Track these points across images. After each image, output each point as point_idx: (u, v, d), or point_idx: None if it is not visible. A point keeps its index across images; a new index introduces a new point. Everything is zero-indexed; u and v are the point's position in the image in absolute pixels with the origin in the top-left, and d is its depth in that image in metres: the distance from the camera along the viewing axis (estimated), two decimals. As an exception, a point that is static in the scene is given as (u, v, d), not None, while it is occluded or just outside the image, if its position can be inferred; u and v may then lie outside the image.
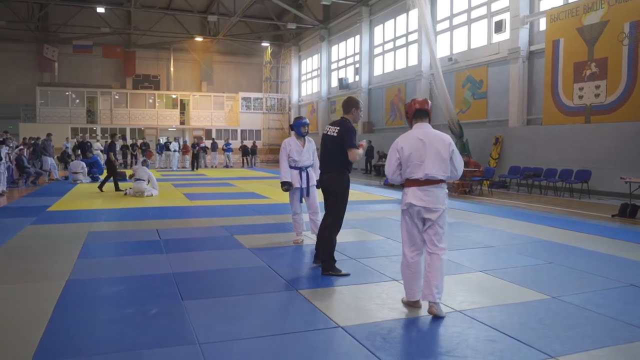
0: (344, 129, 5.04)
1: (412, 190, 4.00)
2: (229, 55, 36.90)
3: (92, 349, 3.32)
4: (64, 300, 4.31)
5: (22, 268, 5.46)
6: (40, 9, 30.74)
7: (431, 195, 3.96)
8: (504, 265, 5.60)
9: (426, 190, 3.96)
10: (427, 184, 3.96)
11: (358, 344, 3.37)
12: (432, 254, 3.99)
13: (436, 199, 3.97)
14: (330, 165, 5.17)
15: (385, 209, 10.65)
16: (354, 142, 5.01)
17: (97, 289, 4.69)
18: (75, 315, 3.97)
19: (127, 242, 6.96)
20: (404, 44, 22.72)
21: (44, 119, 31.47)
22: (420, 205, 3.96)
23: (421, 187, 3.97)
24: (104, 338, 3.53)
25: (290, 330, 3.66)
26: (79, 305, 4.24)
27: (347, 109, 5.17)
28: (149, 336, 3.53)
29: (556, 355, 3.21)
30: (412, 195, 3.99)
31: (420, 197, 3.96)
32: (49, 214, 9.64)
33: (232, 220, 8.81)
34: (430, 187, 3.97)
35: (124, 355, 3.21)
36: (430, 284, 3.91)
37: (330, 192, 5.18)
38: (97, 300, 4.40)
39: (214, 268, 5.46)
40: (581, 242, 6.97)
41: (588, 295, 4.51)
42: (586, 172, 12.96)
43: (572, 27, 13.95)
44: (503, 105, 16.68)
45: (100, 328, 3.74)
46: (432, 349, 3.35)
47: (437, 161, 3.96)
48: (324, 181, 5.22)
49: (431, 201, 3.95)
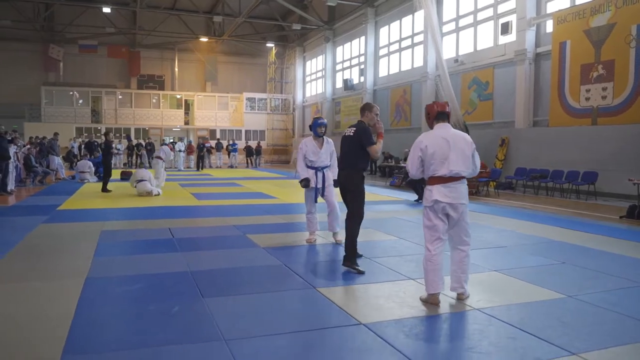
0: (361, 130, 5.48)
1: (437, 187, 4.20)
2: (234, 56, 36.98)
3: (119, 344, 3.37)
4: (85, 297, 4.37)
5: (40, 266, 5.52)
6: (45, 8, 30.82)
7: (455, 191, 4.19)
8: (517, 265, 5.64)
9: (450, 187, 4.18)
10: (451, 180, 4.18)
11: (381, 341, 3.42)
12: (458, 249, 4.34)
13: (459, 194, 4.21)
14: (347, 164, 5.56)
15: (393, 209, 10.69)
16: (371, 140, 5.43)
17: (117, 286, 4.74)
18: (98, 312, 4.03)
19: (140, 240, 7.01)
20: (410, 45, 22.77)
21: (49, 118, 31.57)
22: (445, 202, 4.17)
23: (445, 184, 4.17)
24: (129, 334, 3.59)
25: (314, 327, 3.71)
26: (101, 302, 4.29)
27: (363, 113, 5.62)
28: (173, 332, 3.58)
29: (578, 352, 3.26)
30: (437, 192, 4.19)
31: (445, 193, 4.17)
32: (60, 213, 9.70)
33: (242, 219, 8.86)
34: (454, 184, 4.19)
35: (151, 350, 3.26)
36: (460, 278, 4.30)
37: (347, 189, 5.55)
38: (119, 297, 4.45)
39: (230, 266, 5.51)
40: (592, 242, 7.01)
41: (603, 294, 4.55)
42: (593, 173, 12.99)
43: (579, 29, 13.99)
44: (509, 107, 16.72)
45: (124, 324, 3.80)
46: (455, 345, 3.40)
47: (461, 158, 4.19)
48: (341, 178, 5.64)
49: (455, 197, 4.18)
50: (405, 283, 4.88)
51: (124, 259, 5.87)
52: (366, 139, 5.40)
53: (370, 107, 5.60)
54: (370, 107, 5.61)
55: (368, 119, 5.54)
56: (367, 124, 5.53)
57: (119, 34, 33.04)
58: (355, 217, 5.45)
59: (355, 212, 5.45)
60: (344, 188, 5.57)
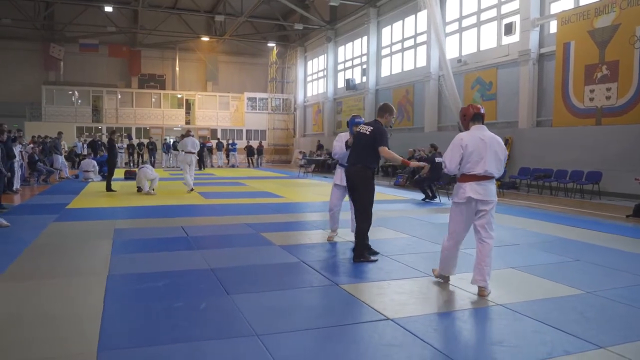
0: (377, 130, 5.58)
1: (470, 185, 4.46)
2: (235, 55, 37.00)
3: (152, 340, 3.40)
4: (111, 294, 4.41)
5: (58, 264, 5.55)
6: (46, 7, 30.79)
7: (487, 189, 4.47)
8: (532, 262, 5.71)
9: (483, 185, 4.46)
10: (484, 179, 4.46)
11: (411, 335, 3.47)
12: (483, 242, 4.50)
13: (490, 192, 4.49)
14: (358, 160, 5.66)
15: (401, 208, 10.76)
16: (386, 141, 5.58)
17: (139, 284, 4.77)
18: (126, 308, 4.08)
19: (155, 238, 7.04)
20: (412, 45, 22.83)
21: (50, 117, 31.54)
22: (477, 199, 4.44)
23: (479, 182, 4.45)
24: (160, 330, 3.61)
25: (343, 322, 3.76)
26: (126, 299, 4.34)
27: (381, 114, 5.73)
28: (206, 328, 3.62)
29: (605, 345, 3.32)
30: (470, 189, 4.45)
31: (477, 190, 4.44)
32: (70, 212, 9.73)
33: (253, 218, 8.91)
34: (486, 182, 4.48)
35: (185, 346, 3.29)
36: (483, 271, 4.43)
37: (356, 185, 5.67)
38: (144, 293, 4.48)
39: (250, 264, 5.56)
40: (601, 240, 7.10)
41: (621, 290, 4.62)
42: (597, 173, 13.08)
43: (583, 30, 14.07)
44: (512, 107, 16.80)
45: (154, 320, 3.83)
46: (484, 339, 3.46)
47: (495, 160, 4.48)
48: (350, 173, 5.74)
49: (487, 194, 4.46)
50: (425, 280, 4.94)
51: (142, 257, 5.91)
52: (381, 139, 5.50)
53: (391, 110, 5.71)
54: (391, 110, 5.72)
55: (386, 120, 5.67)
56: (384, 125, 5.64)
57: (119, 33, 33.01)
58: (364, 215, 5.60)
59: (363, 209, 5.61)
60: (352, 184, 5.69)
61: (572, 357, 3.16)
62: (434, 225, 8.42)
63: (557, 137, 14.80)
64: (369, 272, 5.21)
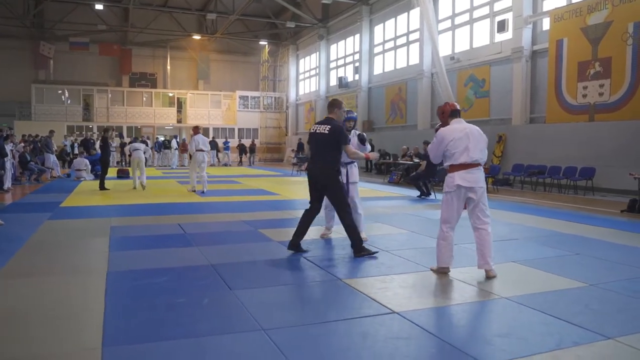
0: (336, 129, 5.60)
1: (459, 173, 4.73)
2: (226, 54, 36.85)
3: (156, 336, 3.33)
4: (112, 290, 4.35)
5: (56, 261, 5.47)
6: (35, 5, 30.48)
7: (475, 176, 4.74)
8: (533, 257, 5.71)
9: (471, 173, 4.73)
10: (471, 167, 4.73)
11: (419, 328, 3.45)
12: (480, 229, 4.76)
13: (478, 178, 4.76)
14: (321, 160, 5.64)
15: (397, 204, 10.75)
16: (348, 140, 5.73)
17: (140, 280, 4.71)
18: (128, 304, 4.02)
19: (153, 235, 6.97)
20: (405, 43, 22.86)
21: (39, 117, 31.25)
22: (466, 186, 4.71)
23: (467, 170, 4.72)
24: (164, 325, 3.56)
25: (349, 315, 3.73)
26: (128, 295, 4.27)
27: (332, 110, 5.76)
28: (211, 323, 3.57)
29: (613, 336, 3.32)
30: (459, 178, 4.71)
31: (466, 178, 4.70)
32: (64, 210, 9.63)
33: (250, 215, 8.87)
34: (474, 170, 4.75)
35: (192, 341, 3.23)
36: (485, 255, 4.72)
37: (322, 184, 5.67)
38: (144, 290, 4.42)
39: (250, 259, 5.51)
40: (600, 234, 7.12)
41: (624, 282, 4.63)
42: (590, 169, 13.16)
43: (575, 27, 14.15)
44: (506, 104, 16.86)
45: (157, 315, 3.78)
46: (492, 331, 3.44)
47: (478, 148, 4.78)
48: (315, 173, 5.71)
49: (475, 181, 4.73)
50: (427, 274, 4.92)
51: (140, 253, 5.84)
52: (344, 139, 5.59)
53: (339, 104, 5.76)
54: (339, 103, 5.77)
55: (337, 115, 5.70)
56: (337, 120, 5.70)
57: (110, 32, 32.76)
58: (344, 210, 5.60)
59: (341, 206, 5.62)
60: (321, 184, 5.67)
61: (581, 347, 3.15)
62: (431, 221, 8.41)
63: (550, 133, 14.87)
64: (371, 267, 5.19)
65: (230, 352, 3.09)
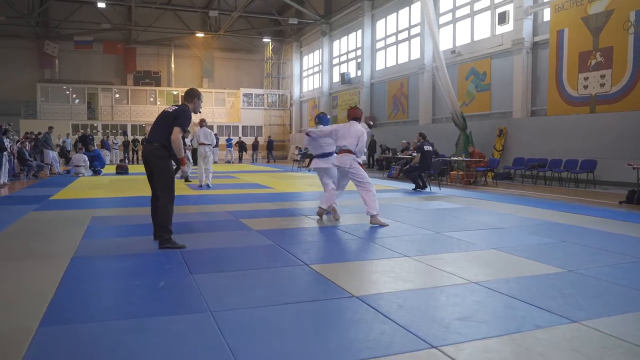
0: (181, 111, 5.27)
1: (338, 155, 6.94)
2: (230, 52, 36.77)
3: (100, 316, 3.22)
4: (69, 274, 4.22)
5: (25, 247, 5.36)
6: (40, 4, 30.59)
7: (343, 159, 6.83)
8: (517, 244, 5.50)
9: (341, 156, 6.87)
10: (342, 152, 6.84)
11: (374, 311, 3.28)
12: (360, 187, 6.83)
13: (345, 160, 6.78)
14: (155, 137, 5.23)
15: (391, 197, 10.55)
16: (182, 123, 5.17)
17: (103, 265, 4.59)
18: (81, 287, 3.89)
19: (131, 225, 6.84)
20: (407, 37, 22.61)
21: (45, 115, 31.36)
22: (337, 164, 6.96)
23: (339, 154, 6.88)
24: (111, 307, 3.45)
25: (304, 299, 3.56)
26: (85, 278, 4.15)
27: (190, 99, 5.47)
28: (158, 305, 3.44)
29: (579, 320, 3.12)
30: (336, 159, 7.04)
31: (339, 159, 6.89)
32: (52, 202, 9.55)
33: (236, 206, 8.72)
34: (343, 154, 6.82)
35: (134, 322, 3.11)
36: (367, 204, 6.74)
37: (150, 163, 5.21)
38: (104, 274, 4.31)
39: (221, 246, 5.38)
40: (592, 224, 6.89)
41: (606, 269, 4.42)
42: (591, 162, 12.87)
43: (576, 17, 13.85)
44: (507, 97, 16.58)
45: (107, 298, 3.67)
46: (451, 315, 3.25)
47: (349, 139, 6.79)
48: (145, 152, 5.28)
49: (342, 162, 6.82)
50: (401, 260, 4.74)
51: (112, 241, 5.73)
52: (180, 120, 5.15)
53: (198, 95, 5.56)
54: (198, 94, 5.56)
55: (195, 105, 5.46)
56: (192, 110, 5.42)
57: (114, 30, 32.82)
58: (167, 196, 5.22)
59: (167, 190, 5.22)
60: (149, 164, 5.26)
61: (542, 330, 2.96)
62: (420, 212, 8.23)
63: (551, 126, 14.57)
64: (343, 254, 5.03)
65: (166, 331, 2.94)
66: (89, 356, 2.62)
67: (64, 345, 2.78)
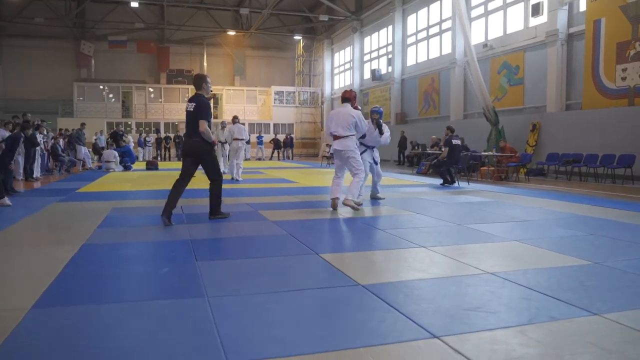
0: (199, 104, 5.88)
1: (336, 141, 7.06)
2: (262, 50, 36.89)
3: (94, 299, 3.16)
4: (75, 259, 4.20)
5: (40, 235, 5.42)
6: (77, 5, 31.32)
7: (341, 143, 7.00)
8: (541, 236, 5.22)
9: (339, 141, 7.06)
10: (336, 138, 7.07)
11: (378, 299, 3.11)
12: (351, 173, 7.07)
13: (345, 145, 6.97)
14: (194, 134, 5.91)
15: (417, 191, 10.30)
16: (205, 116, 5.87)
17: (111, 252, 4.55)
18: (84, 272, 3.85)
19: (149, 215, 6.81)
20: (438, 32, 22.19)
21: (81, 113, 32.07)
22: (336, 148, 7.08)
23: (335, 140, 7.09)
24: (110, 291, 3.39)
25: (307, 286, 3.43)
26: (90, 264, 4.12)
27: (199, 85, 5.98)
28: (157, 290, 3.40)
29: (599, 312, 2.88)
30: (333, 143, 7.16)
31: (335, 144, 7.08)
32: (77, 194, 9.69)
33: (257, 199, 8.65)
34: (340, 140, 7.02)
35: (131, 305, 3.05)
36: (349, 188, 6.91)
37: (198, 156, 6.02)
38: (110, 260, 4.26)
39: (234, 236, 5.30)
40: (624, 217, 6.53)
41: (635, 262, 4.12)
42: (630, 156, 12.28)
43: (614, 6, 13.26)
44: (540, 91, 16.04)
45: (107, 282, 3.59)
46: (460, 305, 3.05)
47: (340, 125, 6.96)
48: (191, 146, 6.03)
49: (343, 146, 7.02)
50: (416, 250, 4.54)
51: (127, 230, 5.70)
52: (201, 113, 5.80)
53: (205, 78, 5.98)
54: (205, 77, 6.01)
55: (205, 90, 5.97)
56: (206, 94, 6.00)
57: (147, 30, 33.34)
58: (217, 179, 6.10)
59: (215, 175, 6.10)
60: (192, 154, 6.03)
61: (558, 322, 2.73)
62: (445, 205, 7.97)
63: (587, 120, 14.00)
64: (357, 244, 4.87)
65: (158, 314, 2.85)
66: (74, 337, 2.55)
67: (53, 325, 2.71)
